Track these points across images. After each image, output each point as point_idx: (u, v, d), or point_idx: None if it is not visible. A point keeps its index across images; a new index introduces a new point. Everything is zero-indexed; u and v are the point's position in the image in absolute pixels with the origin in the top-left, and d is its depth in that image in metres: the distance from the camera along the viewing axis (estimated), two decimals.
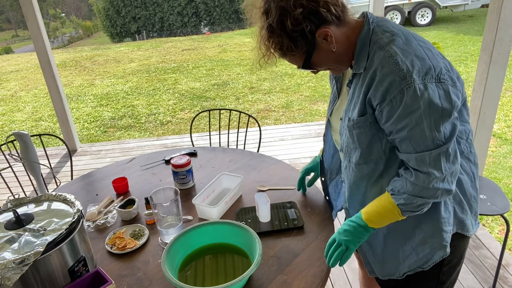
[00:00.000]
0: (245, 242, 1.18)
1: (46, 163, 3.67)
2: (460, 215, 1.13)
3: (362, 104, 1.03)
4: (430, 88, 0.92)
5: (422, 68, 0.93)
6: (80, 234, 1.12)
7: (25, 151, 1.74)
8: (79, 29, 43.56)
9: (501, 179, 3.40)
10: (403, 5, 11.17)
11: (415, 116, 0.93)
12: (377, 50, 0.98)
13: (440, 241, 1.11)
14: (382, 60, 0.96)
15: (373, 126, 1.04)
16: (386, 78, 0.94)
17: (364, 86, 1.01)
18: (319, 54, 1.03)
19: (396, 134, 0.99)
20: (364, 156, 1.09)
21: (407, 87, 0.92)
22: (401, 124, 0.96)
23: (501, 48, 2.13)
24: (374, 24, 1.03)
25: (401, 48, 0.95)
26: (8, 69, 11.00)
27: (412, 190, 1.00)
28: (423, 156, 0.96)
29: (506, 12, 2.06)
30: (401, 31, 1.00)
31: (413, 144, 0.97)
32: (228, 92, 6.96)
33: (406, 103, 0.93)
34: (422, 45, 0.98)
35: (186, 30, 24.29)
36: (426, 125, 0.93)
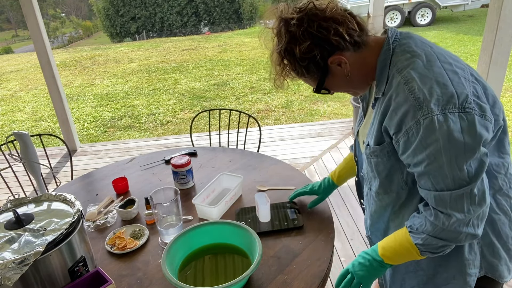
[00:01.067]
0: (245, 242, 1.18)
1: (46, 163, 3.67)
2: (489, 258, 1.00)
3: (378, 132, 0.95)
4: (451, 120, 0.81)
5: (442, 96, 0.82)
6: (80, 234, 1.12)
7: (25, 151, 1.74)
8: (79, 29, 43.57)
9: None
10: (403, 5, 11.17)
11: (433, 151, 0.83)
12: (395, 74, 0.90)
13: (463, 285, 1.01)
14: (398, 86, 0.88)
15: (392, 156, 0.95)
16: (400, 107, 0.86)
17: (381, 113, 0.93)
18: (333, 80, 0.98)
19: (414, 168, 0.90)
20: (383, 186, 1.01)
21: (423, 118, 0.82)
22: (417, 158, 0.87)
23: (501, 48, 2.13)
24: (396, 43, 0.94)
25: (420, 73, 0.85)
26: (8, 69, 10.99)
27: (431, 231, 0.90)
28: (443, 195, 0.86)
29: (506, 12, 2.06)
30: (424, 51, 0.90)
31: (432, 181, 0.87)
32: (228, 92, 6.95)
33: (423, 136, 0.83)
34: (447, 67, 0.87)
35: (186, 30, 24.28)
36: (446, 162, 0.83)
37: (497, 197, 0.96)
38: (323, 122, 4.66)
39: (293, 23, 0.91)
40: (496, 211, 0.97)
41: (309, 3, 0.92)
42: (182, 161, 1.63)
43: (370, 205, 1.11)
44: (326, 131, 4.31)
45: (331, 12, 0.90)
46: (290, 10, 0.93)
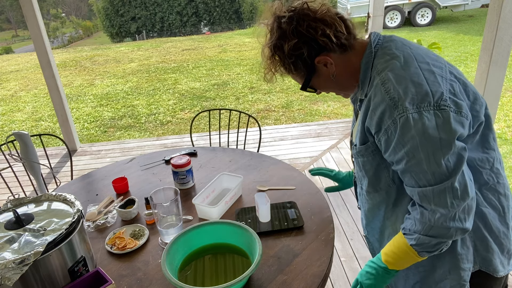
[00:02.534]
0: (245, 242, 1.18)
1: (46, 163, 3.67)
2: (483, 252, 1.01)
3: (362, 132, 0.99)
4: (426, 117, 0.84)
5: (417, 95, 0.85)
6: (80, 234, 1.12)
7: (25, 151, 1.74)
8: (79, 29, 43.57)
9: None
10: (403, 5, 11.17)
11: (410, 148, 0.86)
12: (376, 76, 0.94)
13: (458, 279, 1.03)
14: (375, 88, 0.92)
15: (377, 155, 0.99)
16: (378, 107, 0.90)
17: (363, 113, 0.98)
18: (319, 79, 1.02)
19: (397, 166, 0.93)
20: (372, 185, 1.05)
21: (399, 117, 0.86)
22: (397, 155, 0.90)
23: (501, 48, 2.13)
24: (378, 47, 0.98)
25: (396, 73, 0.89)
26: (8, 69, 10.99)
27: (421, 229, 0.92)
28: (426, 191, 0.89)
29: (506, 12, 2.06)
30: (403, 52, 0.93)
31: (414, 178, 0.90)
32: (228, 92, 6.95)
33: (400, 134, 0.87)
34: (424, 66, 0.90)
35: (186, 30, 24.29)
36: (424, 158, 0.86)
37: (483, 191, 0.99)
38: (323, 122, 4.66)
39: (284, 20, 0.96)
40: (485, 205, 0.99)
41: (303, 4, 0.97)
42: (182, 161, 1.63)
43: (364, 204, 1.14)
44: (326, 131, 4.31)
45: (322, 14, 0.94)
46: (283, 9, 0.98)
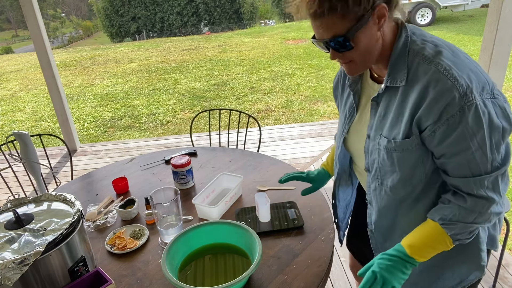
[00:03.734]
0: (245, 242, 1.18)
1: (46, 163, 3.67)
2: (492, 232, 1.05)
3: (407, 125, 0.91)
4: (489, 106, 0.83)
5: (478, 83, 0.83)
6: (80, 234, 1.12)
7: (25, 151, 1.74)
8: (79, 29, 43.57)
9: None
10: (403, 5, 11.17)
11: (478, 137, 0.83)
12: (422, 63, 0.87)
13: (478, 261, 1.04)
14: (435, 75, 0.84)
15: (419, 149, 0.92)
16: (443, 95, 0.83)
17: (411, 104, 0.89)
18: (365, 34, 0.88)
19: (451, 158, 0.88)
20: (403, 180, 0.98)
21: (468, 105, 0.81)
22: (459, 146, 0.85)
23: (501, 48, 2.14)
24: (410, 32, 0.92)
25: (453, 61, 0.85)
26: (8, 69, 11.00)
27: (467, 218, 0.90)
28: (482, 180, 0.87)
29: (506, 12, 2.06)
30: (442, 42, 0.90)
31: (470, 168, 0.87)
32: (228, 92, 6.96)
33: (468, 124, 0.82)
34: (468, 57, 0.88)
35: (186, 30, 24.29)
36: (489, 147, 0.84)
37: None
38: (323, 122, 4.66)
39: None
40: None
41: None
42: (182, 161, 1.63)
43: (380, 200, 1.07)
44: (326, 131, 4.31)
45: None
46: None
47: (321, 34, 0.90)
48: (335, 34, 0.87)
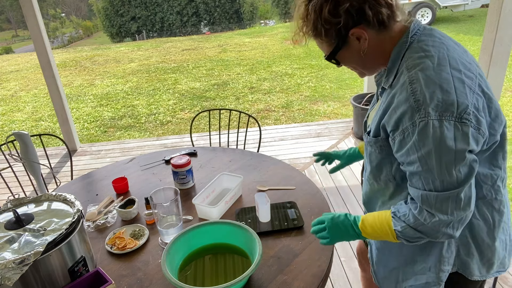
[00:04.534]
0: (245, 242, 1.18)
1: (46, 163, 3.67)
2: (463, 257, 1.03)
3: (377, 126, 0.97)
4: (446, 127, 0.82)
5: (442, 102, 0.82)
6: (80, 234, 1.12)
7: (25, 151, 1.74)
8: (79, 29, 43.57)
9: None
10: (403, 5, 11.16)
11: (424, 153, 0.85)
12: (404, 71, 0.90)
13: (436, 279, 1.06)
14: (402, 86, 0.88)
15: (384, 150, 0.99)
16: (400, 106, 0.87)
17: (383, 108, 0.94)
18: (347, 52, 0.97)
19: (407, 167, 0.92)
20: (373, 174, 1.06)
21: (419, 120, 0.83)
22: (410, 158, 0.88)
23: (501, 48, 2.14)
24: (415, 37, 0.93)
25: (427, 75, 0.85)
26: (8, 69, 11.00)
27: (412, 223, 0.93)
28: (430, 196, 0.88)
29: (506, 12, 2.06)
30: (439, 52, 0.89)
31: (422, 181, 0.89)
32: (228, 92, 6.96)
33: (417, 138, 0.85)
34: (456, 74, 0.85)
35: (186, 30, 24.29)
36: (436, 165, 0.85)
37: (478, 204, 0.99)
38: (323, 122, 4.66)
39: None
40: (477, 217, 0.99)
41: None
42: (182, 161, 1.63)
43: (364, 186, 1.16)
44: (326, 131, 4.31)
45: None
46: None
47: (321, 50, 1.03)
48: (325, 53, 1.01)
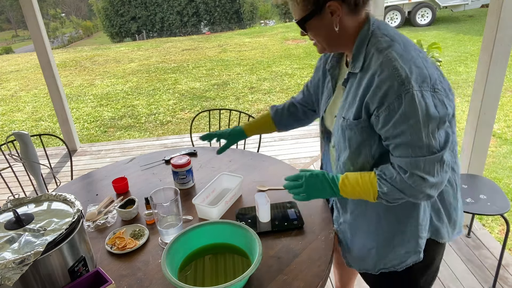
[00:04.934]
0: (245, 242, 1.18)
1: (46, 163, 3.67)
2: (435, 222, 1.14)
3: (358, 107, 1.03)
4: (426, 97, 0.92)
5: (419, 76, 0.93)
6: (80, 234, 1.12)
7: (25, 151, 1.74)
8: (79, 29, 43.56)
9: (501, 179, 3.40)
10: (403, 5, 11.17)
11: (412, 122, 0.93)
12: (375, 53, 0.99)
13: (415, 247, 1.15)
14: (381, 65, 0.96)
15: (365, 131, 1.04)
16: (384, 83, 0.94)
17: (362, 89, 1.01)
18: (318, 23, 1.03)
19: (393, 140, 0.98)
20: (351, 157, 1.10)
21: (405, 93, 0.92)
22: (398, 129, 0.96)
23: (501, 48, 2.13)
24: (374, 26, 1.03)
25: (400, 54, 0.95)
26: (8, 69, 11.00)
27: (399, 185, 1.00)
28: (418, 161, 0.96)
29: (506, 12, 2.06)
30: (400, 37, 1.01)
31: (409, 150, 0.97)
32: (228, 92, 6.96)
33: (404, 109, 0.93)
34: (420, 54, 0.99)
35: (186, 30, 24.29)
36: (424, 133, 0.94)
37: None
38: None
39: None
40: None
41: None
42: (182, 161, 1.63)
43: (339, 171, 1.18)
44: None
45: None
46: None
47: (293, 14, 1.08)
48: (296, 18, 1.06)
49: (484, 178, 2.28)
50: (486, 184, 2.20)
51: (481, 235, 2.53)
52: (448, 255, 2.38)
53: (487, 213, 1.95)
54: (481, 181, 2.24)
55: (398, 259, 1.17)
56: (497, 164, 3.67)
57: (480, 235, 2.53)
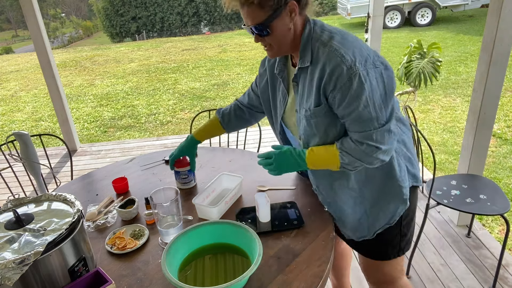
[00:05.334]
0: (245, 242, 1.18)
1: (46, 163, 3.67)
2: (412, 170, 1.31)
3: (317, 95, 1.16)
4: (371, 74, 1.07)
5: (361, 57, 1.08)
6: (80, 234, 1.12)
7: (25, 151, 1.74)
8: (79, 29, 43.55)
9: (501, 179, 3.40)
10: (403, 5, 11.17)
11: (363, 99, 1.08)
12: (320, 47, 1.13)
13: (401, 197, 1.29)
14: (329, 55, 1.10)
15: (328, 115, 1.18)
16: (335, 69, 1.08)
17: (316, 79, 1.14)
18: (279, 23, 1.13)
19: (348, 117, 1.13)
20: (321, 142, 1.23)
21: (353, 75, 1.07)
22: (351, 107, 1.10)
23: (501, 48, 2.13)
24: (312, 24, 1.18)
25: (341, 43, 1.10)
26: (8, 69, 10.99)
27: (357, 155, 1.16)
28: (371, 133, 1.12)
29: (506, 12, 2.06)
30: (337, 30, 1.16)
31: (362, 124, 1.12)
32: (228, 92, 6.96)
33: (354, 88, 1.07)
34: (356, 39, 1.14)
35: (186, 30, 24.28)
36: (372, 107, 1.09)
37: (403, 124, 1.30)
38: None
39: None
40: (405, 133, 1.31)
41: None
42: (184, 161, 1.63)
43: None
44: None
45: None
46: None
47: (246, 21, 1.16)
48: (257, 21, 1.13)
49: (484, 178, 2.28)
50: (486, 184, 2.20)
51: (481, 235, 2.53)
52: (448, 255, 2.38)
53: (487, 213, 1.95)
54: (481, 181, 2.24)
55: (389, 214, 1.31)
56: (497, 164, 3.67)
57: (480, 235, 2.53)
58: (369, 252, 1.43)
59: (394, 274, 1.45)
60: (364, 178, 1.27)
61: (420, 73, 3.88)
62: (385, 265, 1.43)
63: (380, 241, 1.37)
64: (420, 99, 5.55)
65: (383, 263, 1.42)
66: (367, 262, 1.46)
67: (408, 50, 4.07)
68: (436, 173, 3.52)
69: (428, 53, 4.01)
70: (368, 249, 1.42)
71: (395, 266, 1.44)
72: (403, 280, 1.48)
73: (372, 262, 1.44)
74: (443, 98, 5.59)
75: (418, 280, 2.20)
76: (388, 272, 1.44)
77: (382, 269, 1.44)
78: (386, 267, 1.43)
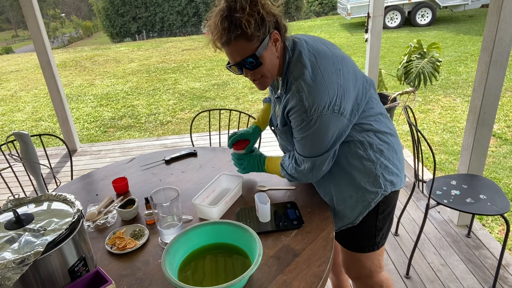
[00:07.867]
0: (245, 242, 1.18)
1: (46, 163, 3.68)
2: (388, 177, 1.37)
3: (283, 118, 1.33)
4: (323, 119, 1.19)
5: (320, 104, 1.17)
6: (80, 234, 1.12)
7: (25, 151, 1.74)
8: (79, 29, 43.55)
9: (501, 179, 3.40)
10: (403, 5, 11.16)
11: (305, 134, 1.24)
12: (292, 81, 1.22)
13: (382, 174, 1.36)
14: (293, 93, 1.21)
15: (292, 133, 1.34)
16: (294, 108, 1.22)
17: (283, 106, 1.29)
18: (267, 53, 1.19)
19: (295, 139, 1.32)
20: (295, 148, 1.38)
21: (306, 118, 1.20)
22: (298, 136, 1.28)
23: (501, 48, 2.13)
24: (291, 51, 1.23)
25: (308, 84, 1.17)
26: (8, 69, 10.99)
27: (290, 172, 1.40)
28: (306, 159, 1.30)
29: (506, 12, 2.06)
30: (310, 62, 1.20)
31: (302, 149, 1.30)
32: (228, 92, 6.96)
33: (302, 126, 1.23)
34: (326, 76, 1.18)
35: (186, 30, 24.28)
36: (310, 143, 1.25)
37: (378, 135, 1.34)
38: None
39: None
40: (381, 143, 1.34)
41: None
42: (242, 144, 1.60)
43: None
44: None
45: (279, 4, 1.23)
46: None
47: (234, 58, 1.20)
48: (247, 54, 1.17)
49: (484, 178, 2.28)
50: (486, 184, 2.20)
51: (481, 235, 2.53)
52: (448, 255, 2.38)
53: (487, 213, 1.95)
54: (481, 181, 2.24)
55: (373, 192, 1.37)
56: (497, 164, 3.67)
57: (480, 235, 2.53)
58: (347, 243, 1.50)
59: (372, 268, 1.52)
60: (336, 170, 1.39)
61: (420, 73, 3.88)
62: (362, 258, 1.50)
63: (358, 231, 1.45)
64: (420, 99, 5.56)
65: (361, 256, 1.49)
66: (346, 254, 1.53)
67: (408, 50, 4.07)
68: (436, 173, 3.52)
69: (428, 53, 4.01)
70: (346, 239, 1.50)
71: (372, 260, 1.50)
72: (381, 274, 1.56)
73: (351, 254, 1.51)
74: (443, 98, 5.59)
75: (418, 280, 2.20)
76: (366, 265, 1.51)
77: (360, 263, 1.51)
78: (364, 261, 1.50)
